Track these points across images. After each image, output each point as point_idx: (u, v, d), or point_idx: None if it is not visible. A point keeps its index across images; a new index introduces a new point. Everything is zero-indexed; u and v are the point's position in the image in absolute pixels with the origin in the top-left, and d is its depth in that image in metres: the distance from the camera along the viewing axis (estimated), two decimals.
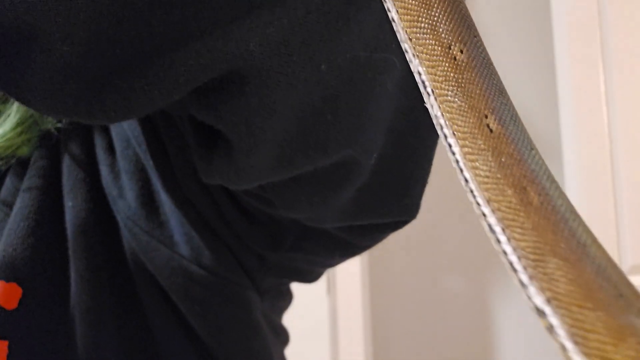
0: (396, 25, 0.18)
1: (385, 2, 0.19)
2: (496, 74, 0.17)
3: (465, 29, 0.18)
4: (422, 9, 0.18)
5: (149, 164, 0.35)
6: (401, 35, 0.18)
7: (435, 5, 0.18)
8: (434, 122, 0.18)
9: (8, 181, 0.37)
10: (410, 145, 0.32)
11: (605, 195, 1.47)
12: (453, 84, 0.17)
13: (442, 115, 0.17)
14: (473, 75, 0.17)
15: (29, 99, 0.25)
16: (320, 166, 0.29)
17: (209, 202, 0.35)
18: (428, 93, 0.18)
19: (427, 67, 0.17)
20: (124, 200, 0.35)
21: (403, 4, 0.19)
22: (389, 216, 0.34)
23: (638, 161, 1.49)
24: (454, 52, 0.17)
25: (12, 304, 0.32)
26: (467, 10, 0.17)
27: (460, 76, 0.17)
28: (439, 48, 0.18)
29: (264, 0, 0.23)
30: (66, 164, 0.36)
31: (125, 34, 0.22)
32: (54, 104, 0.25)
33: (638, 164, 1.49)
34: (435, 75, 0.17)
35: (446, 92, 0.17)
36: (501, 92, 0.17)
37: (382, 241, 0.38)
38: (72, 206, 0.35)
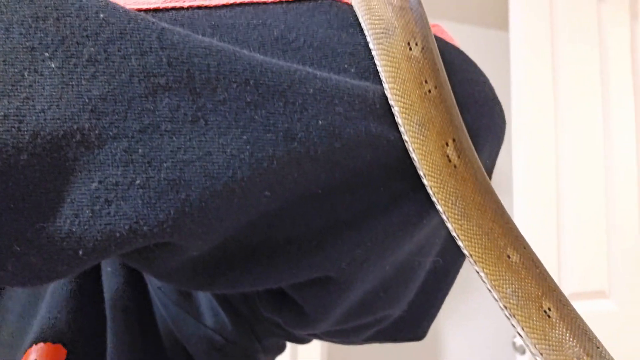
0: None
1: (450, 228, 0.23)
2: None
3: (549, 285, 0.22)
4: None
5: None
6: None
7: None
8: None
9: None
10: (438, 291, 0.36)
11: (549, 226, 1.58)
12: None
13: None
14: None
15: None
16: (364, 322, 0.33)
17: (240, 297, 0.38)
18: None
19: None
20: None
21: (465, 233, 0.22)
22: (404, 340, 0.38)
23: (580, 199, 1.61)
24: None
25: None
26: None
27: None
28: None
29: (354, 225, 0.26)
30: None
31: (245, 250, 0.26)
32: (186, 285, 0.28)
33: (580, 202, 1.61)
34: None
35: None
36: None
37: None
38: (110, 272, 0.39)
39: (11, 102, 0.20)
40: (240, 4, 0.28)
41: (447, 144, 0.24)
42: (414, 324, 0.36)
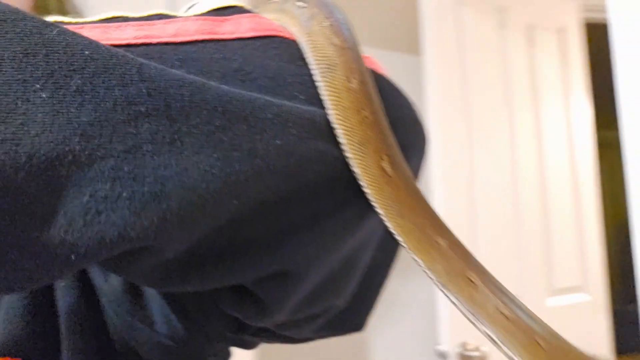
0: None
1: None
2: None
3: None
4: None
5: None
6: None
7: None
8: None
9: None
10: (376, 283, 0.42)
11: (463, 231, 1.70)
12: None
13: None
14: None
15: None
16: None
17: (193, 300, 0.41)
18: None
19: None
20: (109, 285, 0.41)
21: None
22: (347, 331, 0.43)
23: (491, 205, 1.75)
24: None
25: None
26: None
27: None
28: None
29: (306, 227, 0.31)
30: None
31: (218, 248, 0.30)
32: (159, 285, 0.31)
33: (492, 207, 1.75)
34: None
35: None
36: None
37: None
38: (64, 286, 0.41)
39: (7, 128, 0.23)
40: (203, 41, 0.32)
41: (382, 159, 0.30)
42: (355, 315, 0.41)
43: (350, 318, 0.41)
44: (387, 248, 0.39)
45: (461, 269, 0.26)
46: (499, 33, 1.88)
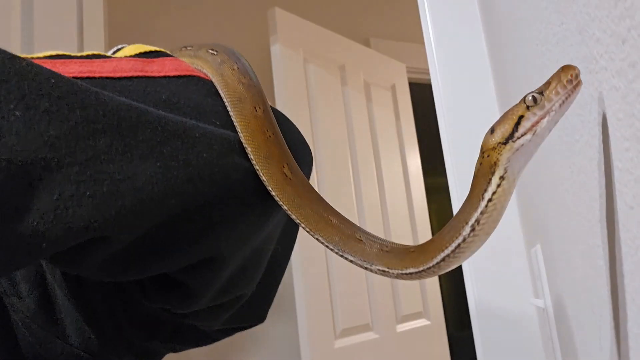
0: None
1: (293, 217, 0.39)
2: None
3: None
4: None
5: (56, 276, 0.44)
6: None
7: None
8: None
9: None
10: (276, 275, 0.50)
11: (321, 271, 1.84)
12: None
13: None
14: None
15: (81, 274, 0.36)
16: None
17: (107, 311, 0.45)
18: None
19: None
20: (23, 302, 0.44)
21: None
22: (251, 322, 0.51)
23: None
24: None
25: None
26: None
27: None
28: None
29: (226, 222, 0.38)
30: None
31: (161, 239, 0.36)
32: (106, 274, 0.36)
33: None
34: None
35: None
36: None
37: None
38: None
39: None
40: (137, 77, 0.39)
41: (283, 167, 0.39)
42: (259, 306, 0.49)
43: (254, 309, 0.49)
44: (286, 243, 0.49)
45: (352, 233, 0.37)
46: (341, 88, 2.12)
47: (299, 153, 0.44)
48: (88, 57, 0.39)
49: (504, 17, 0.66)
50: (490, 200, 0.32)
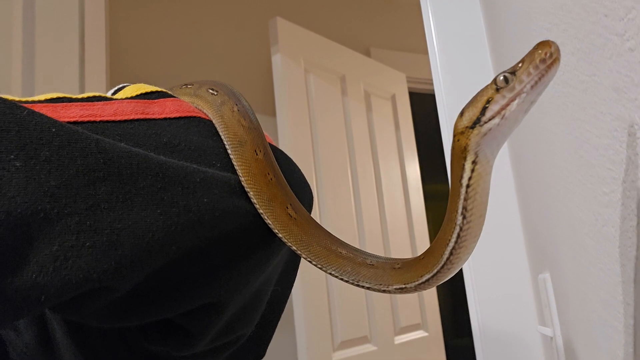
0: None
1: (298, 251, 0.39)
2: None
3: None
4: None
5: (55, 316, 0.43)
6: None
7: None
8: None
9: None
10: (275, 314, 0.50)
11: (320, 283, 1.83)
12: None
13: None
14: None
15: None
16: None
17: (107, 349, 0.45)
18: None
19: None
20: (20, 337, 0.43)
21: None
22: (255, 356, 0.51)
23: None
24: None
25: None
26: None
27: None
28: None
29: (226, 266, 0.38)
30: None
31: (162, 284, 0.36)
32: (105, 321, 0.36)
33: None
34: None
35: None
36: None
37: None
38: None
39: None
40: (138, 119, 0.39)
41: (287, 207, 0.39)
42: (257, 344, 0.49)
43: (253, 347, 0.48)
44: (285, 283, 0.48)
45: (362, 260, 0.37)
46: (342, 98, 2.11)
47: (299, 194, 0.44)
48: (89, 99, 0.39)
49: (508, 27, 0.66)
50: (468, 186, 0.31)
